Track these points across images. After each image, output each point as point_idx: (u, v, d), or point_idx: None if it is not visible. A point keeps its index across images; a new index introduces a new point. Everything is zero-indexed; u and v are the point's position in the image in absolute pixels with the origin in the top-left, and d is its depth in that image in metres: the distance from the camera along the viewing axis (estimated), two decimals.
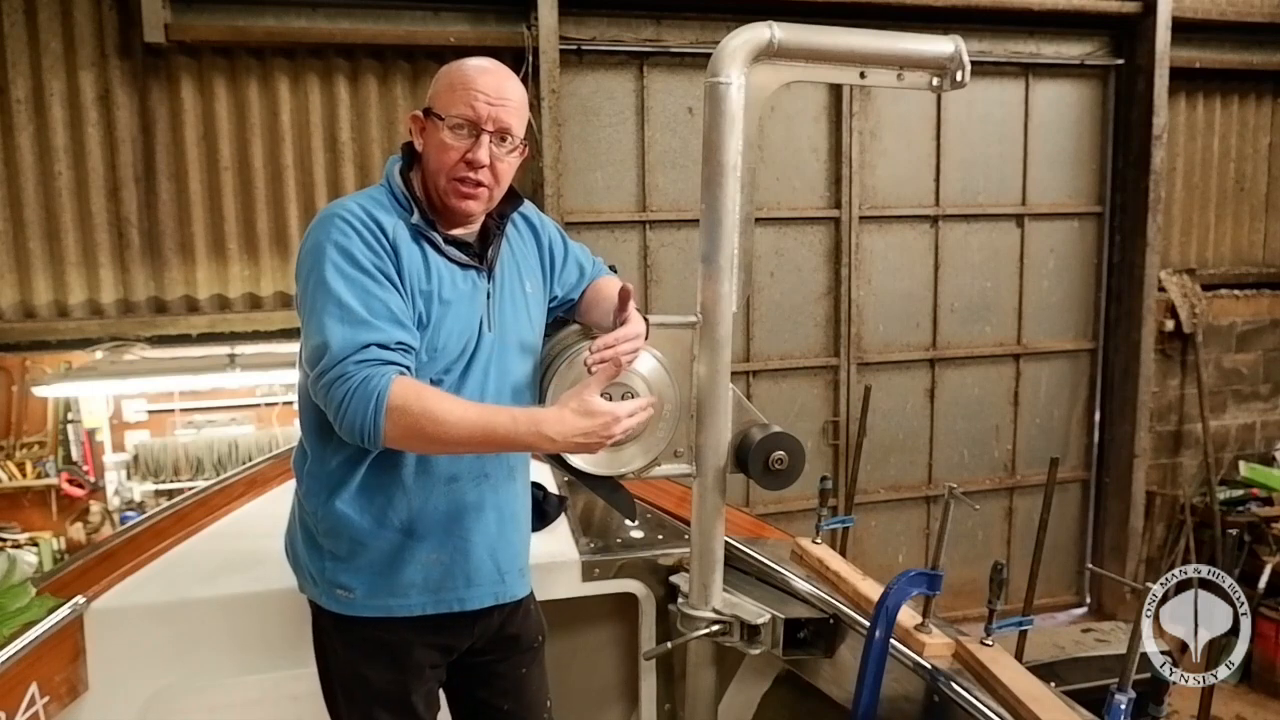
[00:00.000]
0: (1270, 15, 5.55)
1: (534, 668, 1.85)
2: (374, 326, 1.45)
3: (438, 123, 1.57)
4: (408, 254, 1.55)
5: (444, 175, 1.58)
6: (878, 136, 5.17)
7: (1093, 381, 5.71)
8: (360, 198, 1.61)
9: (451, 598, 1.64)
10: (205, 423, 4.86)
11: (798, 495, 4.75)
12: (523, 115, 1.62)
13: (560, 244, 1.86)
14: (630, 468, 1.87)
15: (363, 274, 1.49)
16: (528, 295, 1.74)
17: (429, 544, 1.61)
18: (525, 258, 1.78)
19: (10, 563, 2.06)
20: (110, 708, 1.95)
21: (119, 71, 4.16)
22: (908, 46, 1.83)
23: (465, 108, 1.55)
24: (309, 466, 1.64)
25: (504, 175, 1.62)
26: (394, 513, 1.59)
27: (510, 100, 1.58)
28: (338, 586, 1.61)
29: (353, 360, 1.43)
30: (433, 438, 1.44)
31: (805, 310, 5.19)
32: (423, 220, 1.59)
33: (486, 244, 1.67)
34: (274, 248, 4.41)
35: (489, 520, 1.66)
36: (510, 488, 1.71)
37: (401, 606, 1.61)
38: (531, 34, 4.39)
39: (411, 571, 1.61)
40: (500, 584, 1.69)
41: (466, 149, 1.56)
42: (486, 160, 1.56)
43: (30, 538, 4.64)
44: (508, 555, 1.70)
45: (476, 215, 1.65)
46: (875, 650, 1.66)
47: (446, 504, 1.61)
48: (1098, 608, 5.77)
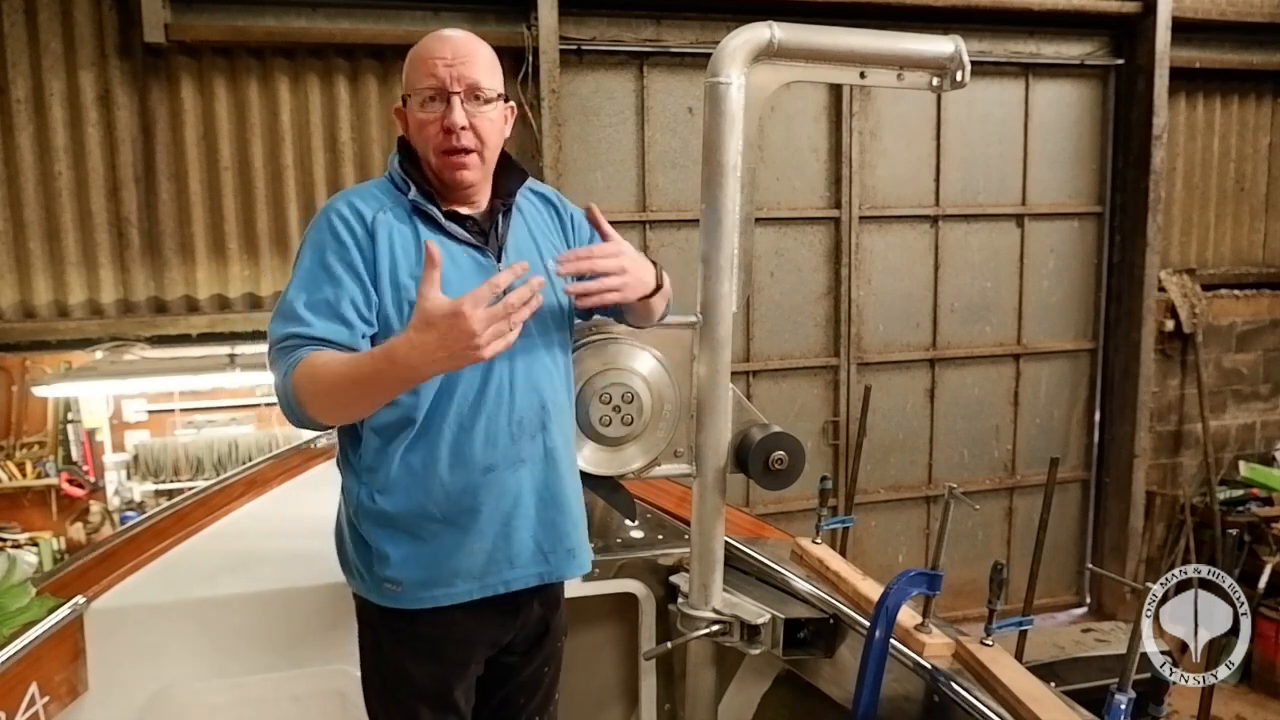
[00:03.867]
0: (1270, 15, 5.55)
1: (553, 665, 1.86)
2: (303, 321, 1.49)
3: (411, 103, 1.59)
4: (390, 239, 1.55)
5: (432, 152, 1.58)
6: (878, 136, 5.17)
7: (1093, 381, 5.71)
8: (355, 190, 1.63)
9: (497, 580, 1.63)
10: (205, 423, 4.86)
11: (798, 495, 4.75)
12: (492, 69, 1.60)
13: (585, 224, 1.81)
14: (630, 468, 1.88)
15: (322, 270, 1.52)
16: (551, 273, 1.68)
17: (472, 534, 1.60)
18: (546, 234, 1.74)
19: (10, 563, 2.06)
20: (110, 708, 1.95)
21: (119, 71, 4.16)
22: (908, 46, 1.83)
23: (428, 77, 1.55)
24: (346, 459, 1.64)
25: (488, 133, 1.59)
26: (433, 505, 1.58)
27: (473, 55, 1.57)
28: (385, 581, 1.60)
29: (275, 348, 1.51)
30: (323, 395, 1.45)
31: (805, 310, 5.19)
32: (421, 195, 1.59)
33: (493, 225, 1.65)
34: (274, 247, 4.41)
35: (528, 505, 1.64)
36: (551, 471, 1.67)
37: (448, 595, 1.60)
38: (531, 34, 4.39)
39: (456, 561, 1.60)
40: (544, 564, 1.67)
41: (441, 117, 1.55)
42: (463, 120, 1.54)
43: (30, 538, 4.64)
44: (551, 537, 1.67)
45: (476, 184, 1.62)
46: (875, 650, 1.66)
47: (485, 493, 1.59)
48: (1098, 608, 5.77)
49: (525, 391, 1.62)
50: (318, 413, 1.48)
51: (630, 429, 1.83)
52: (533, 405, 1.63)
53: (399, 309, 1.54)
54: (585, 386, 1.82)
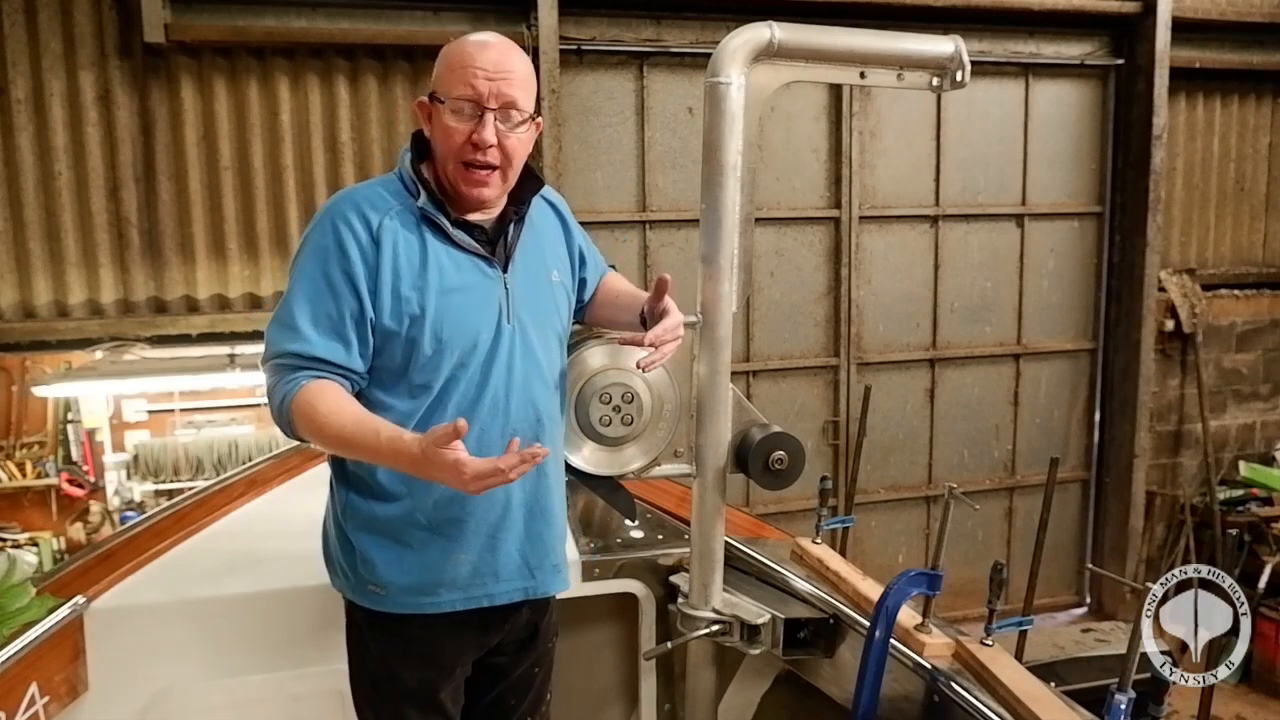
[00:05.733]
0: (1270, 15, 5.55)
1: (544, 666, 1.85)
2: (304, 337, 1.50)
3: (440, 106, 1.54)
4: (395, 249, 1.52)
5: (452, 160, 1.54)
6: (878, 136, 5.17)
7: (1093, 381, 5.71)
8: (361, 190, 1.59)
9: (481, 594, 1.63)
10: (205, 423, 4.86)
11: (798, 495, 4.75)
12: (529, 87, 1.57)
13: (585, 237, 1.84)
14: (630, 468, 1.88)
15: (324, 280, 1.51)
16: (554, 285, 1.69)
17: (458, 544, 1.60)
18: (552, 246, 1.73)
19: (10, 563, 2.06)
20: (110, 708, 1.94)
21: (119, 71, 4.16)
22: (908, 46, 1.83)
23: (465, 86, 1.51)
24: (335, 462, 1.64)
25: (515, 153, 1.56)
26: (421, 512, 1.58)
27: (513, 73, 1.54)
28: (370, 583, 1.60)
29: (273, 361, 1.53)
30: (318, 438, 1.50)
31: (805, 310, 5.19)
32: (430, 203, 1.56)
33: (503, 233, 1.62)
34: (274, 247, 4.41)
35: (516, 518, 1.64)
36: (540, 483, 1.67)
37: (432, 604, 1.60)
38: (531, 34, 4.39)
39: (441, 570, 1.60)
40: (530, 579, 1.68)
41: (471, 130, 1.51)
42: (493, 140, 1.51)
43: (30, 538, 4.64)
44: (537, 551, 1.68)
45: (491, 201, 1.60)
46: (875, 650, 1.66)
47: (474, 504, 1.58)
48: (1098, 608, 5.77)
49: (521, 404, 1.61)
50: (312, 438, 1.53)
51: (630, 429, 1.83)
52: (527, 418, 1.62)
53: (398, 320, 1.53)
54: (585, 386, 1.82)
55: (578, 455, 1.85)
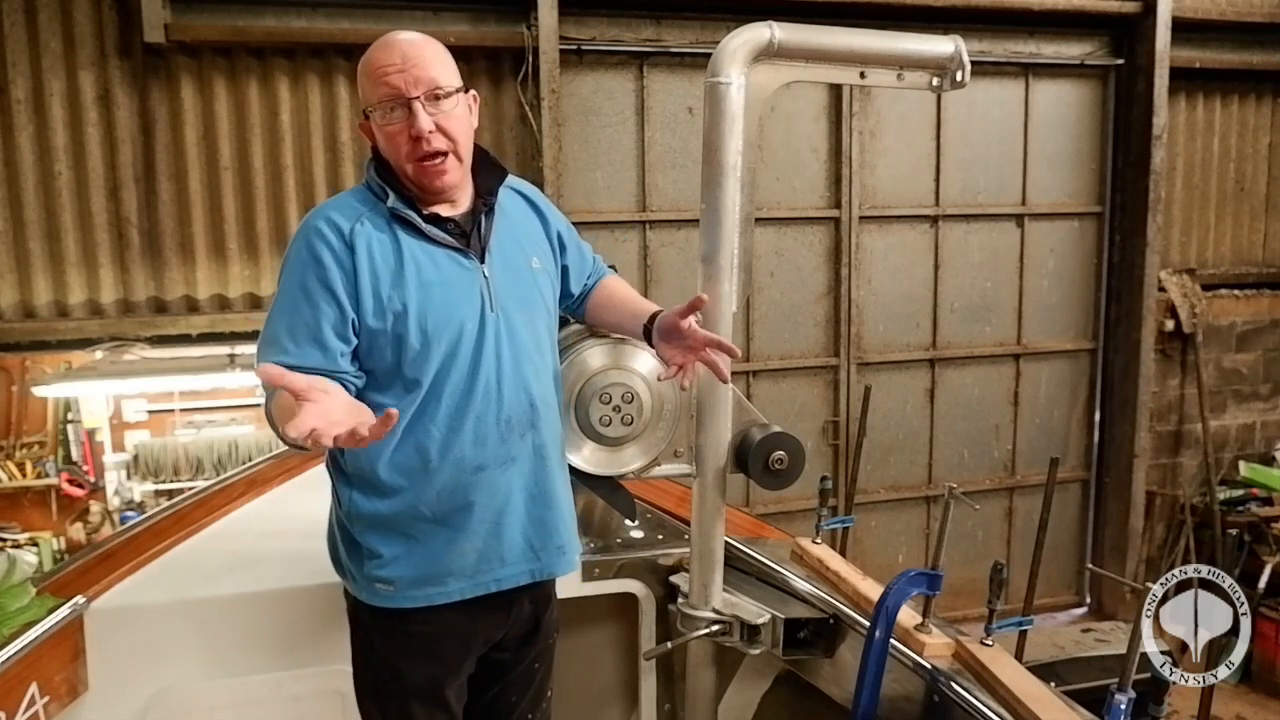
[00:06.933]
0: (1270, 15, 5.55)
1: (545, 662, 1.86)
2: (284, 349, 1.51)
3: (373, 117, 1.57)
4: (370, 249, 1.54)
5: (405, 162, 1.56)
6: (878, 136, 5.17)
7: (1093, 381, 5.71)
8: (332, 203, 1.62)
9: (489, 579, 1.64)
10: (205, 423, 4.87)
11: (798, 495, 4.75)
12: (445, 63, 1.58)
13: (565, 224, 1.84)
14: (630, 468, 1.88)
15: (300, 292, 1.53)
16: (535, 271, 1.70)
17: (463, 532, 1.61)
18: (528, 233, 1.74)
19: (10, 563, 2.07)
20: (110, 708, 1.95)
21: (119, 71, 4.16)
22: (908, 46, 1.83)
23: (383, 87, 1.53)
24: (335, 462, 1.65)
25: (457, 131, 1.57)
26: (424, 505, 1.59)
27: (422, 56, 1.55)
28: (377, 580, 1.61)
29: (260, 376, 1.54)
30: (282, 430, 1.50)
31: (805, 310, 5.19)
32: (400, 201, 1.58)
33: (475, 225, 1.64)
34: (274, 247, 4.41)
35: (518, 503, 1.65)
36: (541, 469, 1.68)
37: (441, 594, 1.61)
38: (531, 34, 4.39)
39: (448, 560, 1.61)
40: (535, 561, 1.68)
41: (407, 126, 1.53)
42: (429, 125, 1.52)
43: (30, 538, 4.65)
44: (541, 534, 1.69)
45: (456, 185, 1.61)
46: (875, 650, 1.66)
47: (476, 493, 1.60)
48: (1098, 608, 5.77)
49: (513, 390, 1.62)
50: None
51: (630, 429, 1.83)
52: (521, 404, 1.63)
53: (382, 318, 1.54)
54: (585, 386, 1.82)
55: (578, 455, 1.85)
